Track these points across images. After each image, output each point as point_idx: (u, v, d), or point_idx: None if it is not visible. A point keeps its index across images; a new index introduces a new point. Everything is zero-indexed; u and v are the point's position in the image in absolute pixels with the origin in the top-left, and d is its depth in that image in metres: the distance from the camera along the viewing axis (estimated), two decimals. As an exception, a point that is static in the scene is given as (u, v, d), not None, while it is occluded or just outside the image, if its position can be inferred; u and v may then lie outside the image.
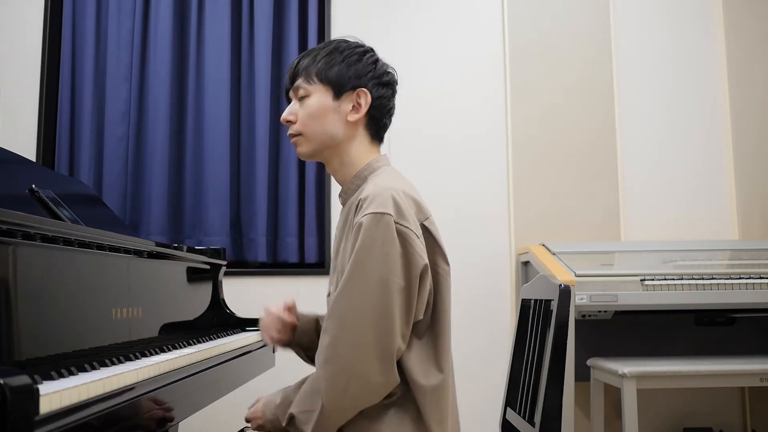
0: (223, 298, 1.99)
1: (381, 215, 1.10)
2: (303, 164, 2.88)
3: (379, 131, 1.30)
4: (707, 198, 2.95)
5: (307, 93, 1.26)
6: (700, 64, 3.02)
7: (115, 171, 2.81)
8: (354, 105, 1.25)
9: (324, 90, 1.25)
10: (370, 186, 1.19)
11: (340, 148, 1.27)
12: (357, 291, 1.10)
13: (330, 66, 1.25)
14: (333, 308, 1.13)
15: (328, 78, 1.25)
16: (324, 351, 1.12)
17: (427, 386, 1.14)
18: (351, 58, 1.27)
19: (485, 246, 2.85)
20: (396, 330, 1.10)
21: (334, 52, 1.27)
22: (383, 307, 1.09)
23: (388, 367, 1.10)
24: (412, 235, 1.12)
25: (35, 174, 1.58)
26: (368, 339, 1.09)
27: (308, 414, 1.12)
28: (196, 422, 2.30)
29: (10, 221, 1.00)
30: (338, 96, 1.25)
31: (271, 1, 2.90)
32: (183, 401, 1.26)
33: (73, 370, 1.02)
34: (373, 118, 1.28)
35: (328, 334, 1.12)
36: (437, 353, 1.17)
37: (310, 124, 1.25)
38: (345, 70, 1.25)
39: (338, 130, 1.25)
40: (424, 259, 1.13)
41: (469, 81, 2.95)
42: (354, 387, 1.09)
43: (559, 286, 1.29)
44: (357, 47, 1.30)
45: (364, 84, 1.26)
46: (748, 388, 2.78)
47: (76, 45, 2.87)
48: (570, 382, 2.23)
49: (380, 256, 1.09)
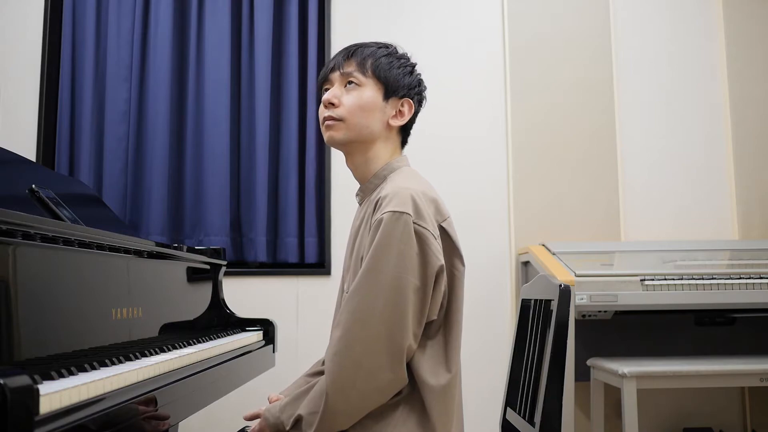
0: (223, 298, 1.99)
1: (400, 214, 1.12)
2: (303, 164, 2.88)
3: (405, 139, 1.37)
4: (707, 198, 2.95)
5: (359, 82, 1.29)
6: (699, 63, 3.02)
7: (115, 171, 2.81)
8: (397, 111, 1.31)
9: (377, 87, 1.29)
10: (390, 185, 1.21)
11: (371, 146, 1.30)
12: (372, 287, 1.11)
13: (389, 67, 1.30)
14: (347, 302, 1.13)
15: (386, 78, 1.29)
16: (334, 344, 1.12)
17: (436, 386, 1.15)
18: (407, 67, 1.33)
19: (485, 246, 2.85)
20: (408, 328, 1.10)
21: (392, 56, 1.32)
22: (397, 306, 1.10)
23: (397, 365, 1.11)
24: (429, 236, 1.14)
25: (35, 174, 1.58)
26: (380, 335, 1.09)
27: (315, 415, 1.11)
28: (196, 422, 2.30)
29: (10, 221, 1.00)
30: (387, 98, 1.30)
31: (271, 1, 2.90)
32: (183, 401, 1.26)
33: (73, 370, 1.02)
34: (405, 128, 1.35)
35: (340, 328, 1.13)
36: (447, 353, 1.18)
37: (356, 113, 1.28)
38: (400, 75, 1.31)
39: (378, 128, 1.29)
40: (440, 260, 1.15)
41: (469, 81, 2.95)
42: (362, 382, 1.09)
43: (559, 286, 1.29)
44: (409, 59, 1.36)
45: (411, 95, 1.32)
46: (748, 388, 2.78)
47: (76, 45, 2.87)
48: (570, 382, 2.24)
49: (397, 254, 1.10)
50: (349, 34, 2.89)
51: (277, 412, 1.18)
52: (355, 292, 1.12)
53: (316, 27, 2.93)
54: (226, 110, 2.84)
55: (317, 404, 1.12)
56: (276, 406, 1.19)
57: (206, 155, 2.84)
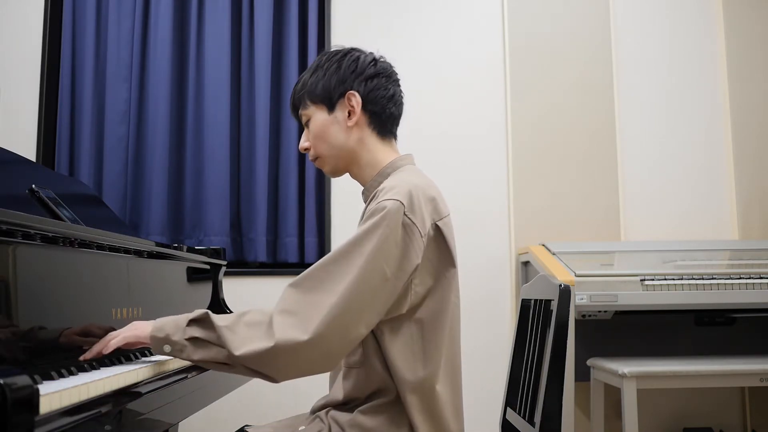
0: (223, 298, 1.99)
1: (393, 201, 1.12)
2: (303, 164, 2.88)
3: (384, 124, 1.30)
4: (707, 198, 2.95)
5: (308, 117, 1.30)
6: (700, 64, 3.02)
7: (115, 171, 2.81)
8: (348, 110, 1.27)
9: (318, 108, 1.28)
10: (390, 179, 1.22)
11: (354, 155, 1.28)
12: (345, 260, 1.10)
13: (315, 84, 1.28)
14: (315, 266, 1.12)
15: (317, 95, 1.28)
16: (285, 299, 1.10)
17: (413, 381, 1.14)
18: (331, 68, 1.28)
19: (485, 246, 2.85)
20: (362, 316, 1.09)
21: (317, 70, 1.30)
22: (361, 285, 1.08)
23: (345, 346, 1.09)
24: (415, 231, 1.13)
25: (35, 174, 1.58)
26: (332, 305, 1.06)
27: (244, 342, 1.06)
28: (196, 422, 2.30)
29: (10, 221, 1.00)
30: (332, 108, 1.27)
31: (271, 1, 2.90)
32: (183, 401, 1.26)
33: (73, 370, 1.02)
34: (373, 113, 1.28)
35: (297, 287, 1.10)
36: (425, 350, 1.16)
37: (318, 144, 1.30)
38: (328, 81, 1.27)
39: (343, 139, 1.27)
40: (419, 258, 1.13)
41: (469, 81, 2.95)
42: (308, 347, 1.05)
43: (559, 286, 1.29)
44: (335, 55, 1.30)
45: (349, 86, 1.27)
46: (748, 388, 2.78)
47: (76, 45, 2.87)
48: (570, 382, 2.23)
49: (380, 238, 1.10)
50: (349, 34, 2.89)
51: (162, 322, 1.11)
52: (327, 259, 1.11)
53: (316, 27, 2.93)
54: (226, 110, 2.84)
55: (248, 334, 1.06)
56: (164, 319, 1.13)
57: (206, 155, 2.84)
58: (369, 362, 1.18)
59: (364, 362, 1.19)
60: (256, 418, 1.91)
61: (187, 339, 1.08)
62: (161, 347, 1.09)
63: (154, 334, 1.09)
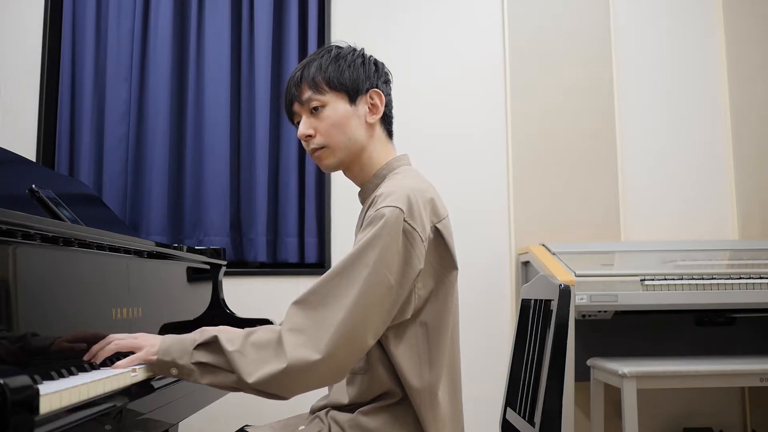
0: (223, 298, 1.99)
1: (392, 208, 1.11)
2: (303, 164, 2.88)
3: (389, 126, 1.33)
4: (707, 198, 2.95)
5: (321, 103, 1.24)
6: (699, 63, 3.02)
7: (115, 171, 2.80)
8: (369, 107, 1.27)
9: (339, 97, 1.25)
10: (388, 183, 1.21)
11: (362, 152, 1.27)
12: (349, 274, 1.09)
13: (340, 72, 1.25)
14: (320, 281, 1.11)
15: (342, 84, 1.25)
16: (292, 317, 1.09)
17: (420, 385, 1.14)
18: (356, 61, 1.27)
19: (485, 246, 2.85)
20: (369, 326, 1.08)
21: (338, 59, 1.26)
22: (366, 298, 1.07)
23: (354, 356, 1.09)
24: (416, 237, 1.12)
25: (35, 174, 1.58)
26: (340, 322, 1.06)
27: (256, 365, 1.05)
28: (196, 422, 2.30)
29: (10, 221, 1.00)
30: (353, 101, 1.25)
31: (271, 1, 2.90)
32: (183, 401, 1.26)
33: (73, 370, 1.02)
34: (385, 115, 1.30)
35: (303, 304, 1.10)
36: (431, 354, 1.16)
37: (335, 134, 1.24)
38: (356, 73, 1.26)
39: (360, 134, 1.26)
40: (421, 263, 1.13)
41: (469, 81, 2.95)
42: (320, 365, 1.05)
43: (559, 286, 1.29)
44: (355, 51, 1.30)
45: (375, 84, 1.28)
46: (748, 388, 2.78)
47: (76, 45, 2.87)
48: (570, 382, 2.23)
49: (381, 248, 1.09)
50: (349, 34, 2.89)
51: (171, 342, 1.10)
52: (331, 274, 1.10)
53: (316, 27, 2.93)
54: (226, 110, 2.84)
55: (263, 354, 1.05)
56: (173, 337, 1.12)
57: (206, 155, 2.84)
58: (373, 369, 1.18)
59: (368, 369, 1.18)
60: (256, 418, 1.91)
61: (194, 363, 1.07)
62: (168, 370, 1.09)
63: (161, 357, 1.08)
